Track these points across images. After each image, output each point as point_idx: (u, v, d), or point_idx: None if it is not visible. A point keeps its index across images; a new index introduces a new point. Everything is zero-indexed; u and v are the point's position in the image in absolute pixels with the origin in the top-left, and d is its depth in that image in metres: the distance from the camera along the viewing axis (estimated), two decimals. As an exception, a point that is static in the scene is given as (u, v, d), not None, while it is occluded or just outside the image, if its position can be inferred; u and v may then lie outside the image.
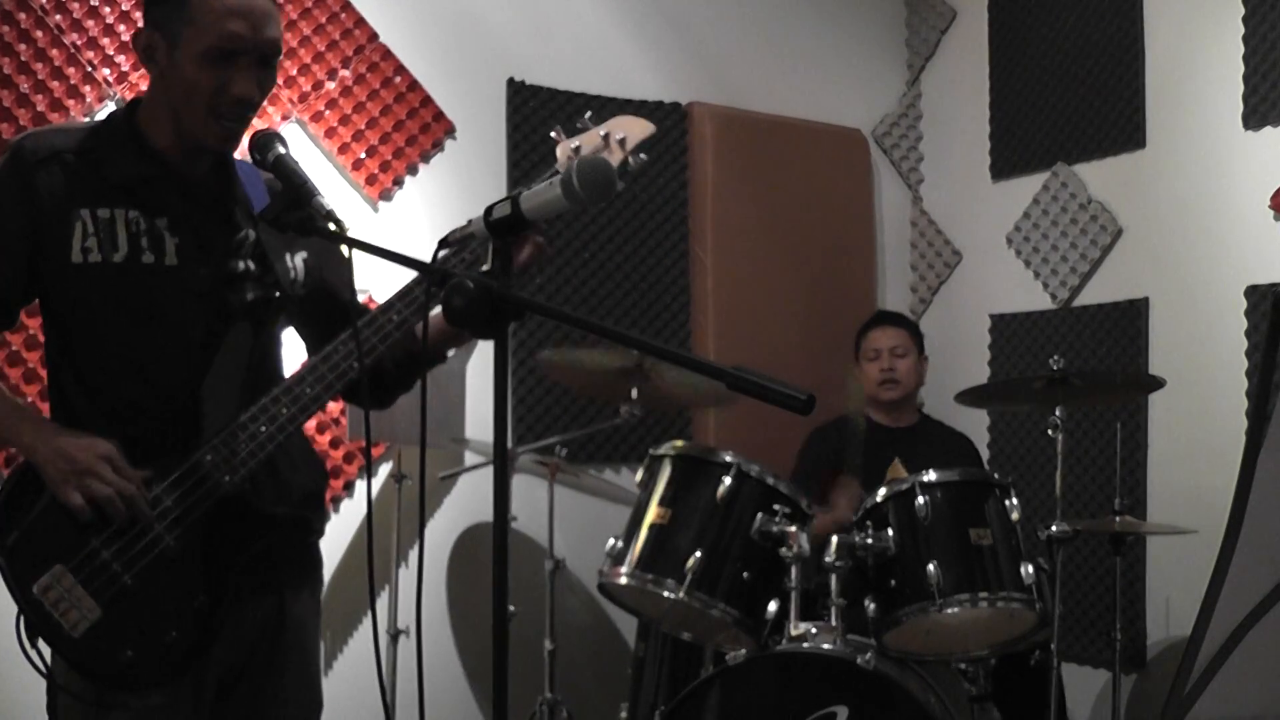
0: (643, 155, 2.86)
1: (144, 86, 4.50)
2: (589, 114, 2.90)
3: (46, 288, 2.60)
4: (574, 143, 2.80)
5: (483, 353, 4.94)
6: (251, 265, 2.67)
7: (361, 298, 3.80)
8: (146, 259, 2.57)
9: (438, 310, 2.70)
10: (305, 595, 2.82)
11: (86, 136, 2.63)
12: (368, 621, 4.79)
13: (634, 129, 2.87)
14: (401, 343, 2.75)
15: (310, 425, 4.21)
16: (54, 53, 4.40)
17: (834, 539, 3.72)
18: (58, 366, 2.65)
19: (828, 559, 3.69)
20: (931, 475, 3.77)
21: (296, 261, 2.74)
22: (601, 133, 2.83)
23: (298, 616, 2.78)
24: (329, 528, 2.94)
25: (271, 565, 2.70)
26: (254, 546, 2.60)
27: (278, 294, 2.68)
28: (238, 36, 2.50)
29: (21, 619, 2.45)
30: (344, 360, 2.59)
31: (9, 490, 2.53)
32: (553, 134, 2.84)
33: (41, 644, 2.46)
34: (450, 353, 2.97)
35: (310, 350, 2.80)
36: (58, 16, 4.41)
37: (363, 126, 5.00)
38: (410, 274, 2.58)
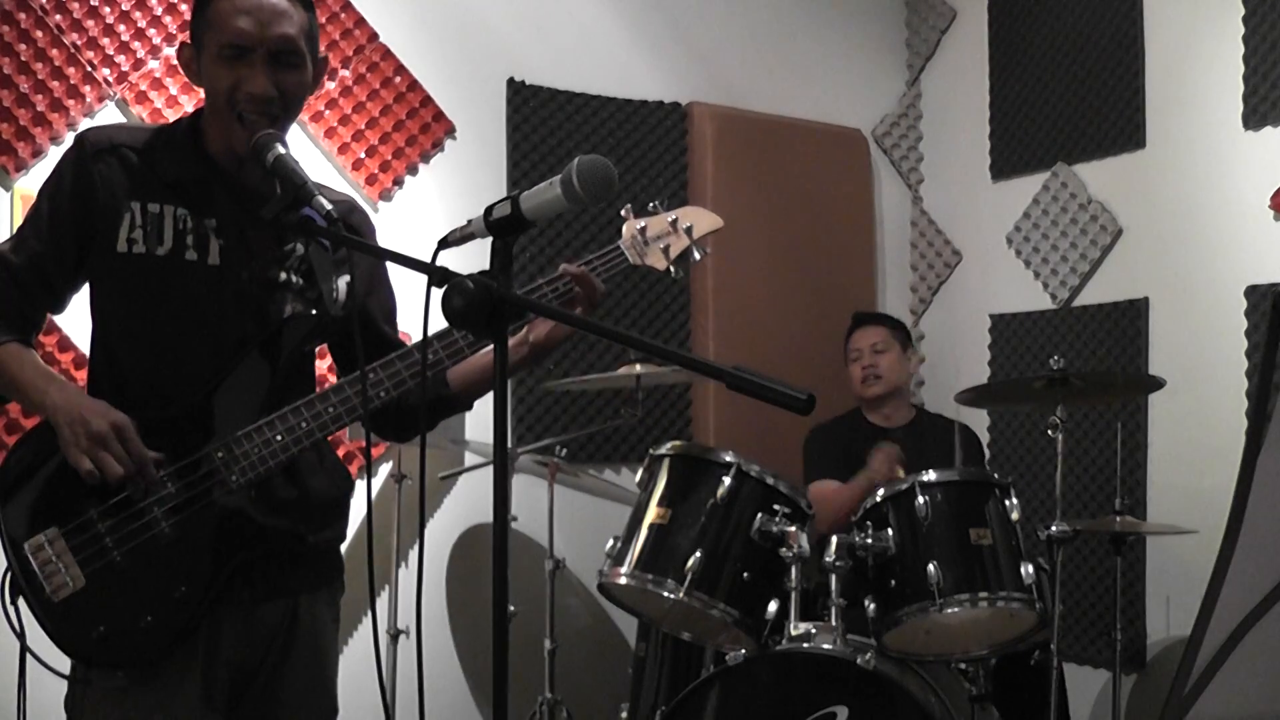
0: (707, 249, 2.92)
1: (144, 87, 4.54)
2: (659, 200, 2.99)
3: (93, 275, 2.68)
4: (640, 223, 2.90)
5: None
6: (296, 279, 2.71)
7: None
8: (190, 256, 2.63)
9: (485, 356, 2.75)
10: (321, 601, 2.84)
11: (149, 135, 2.72)
12: (368, 621, 4.79)
13: (702, 220, 2.96)
14: (432, 385, 2.83)
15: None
16: (54, 53, 4.40)
17: (834, 539, 3.72)
18: (95, 355, 2.73)
19: (828, 559, 3.69)
20: (931, 475, 3.77)
21: (340, 284, 2.77)
22: (669, 218, 2.92)
23: (312, 621, 2.79)
24: (329, 528, 2.94)
25: (284, 570, 2.72)
26: (250, 550, 2.62)
27: (315, 311, 2.71)
28: (245, 33, 2.55)
29: (7, 575, 2.50)
30: (371, 389, 2.63)
31: (20, 447, 2.62)
32: (622, 212, 2.92)
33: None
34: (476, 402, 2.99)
35: (341, 372, 2.86)
36: (58, 16, 4.41)
37: (363, 126, 5.00)
38: (417, 277, 2.59)
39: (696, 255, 2.96)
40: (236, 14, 2.55)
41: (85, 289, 2.73)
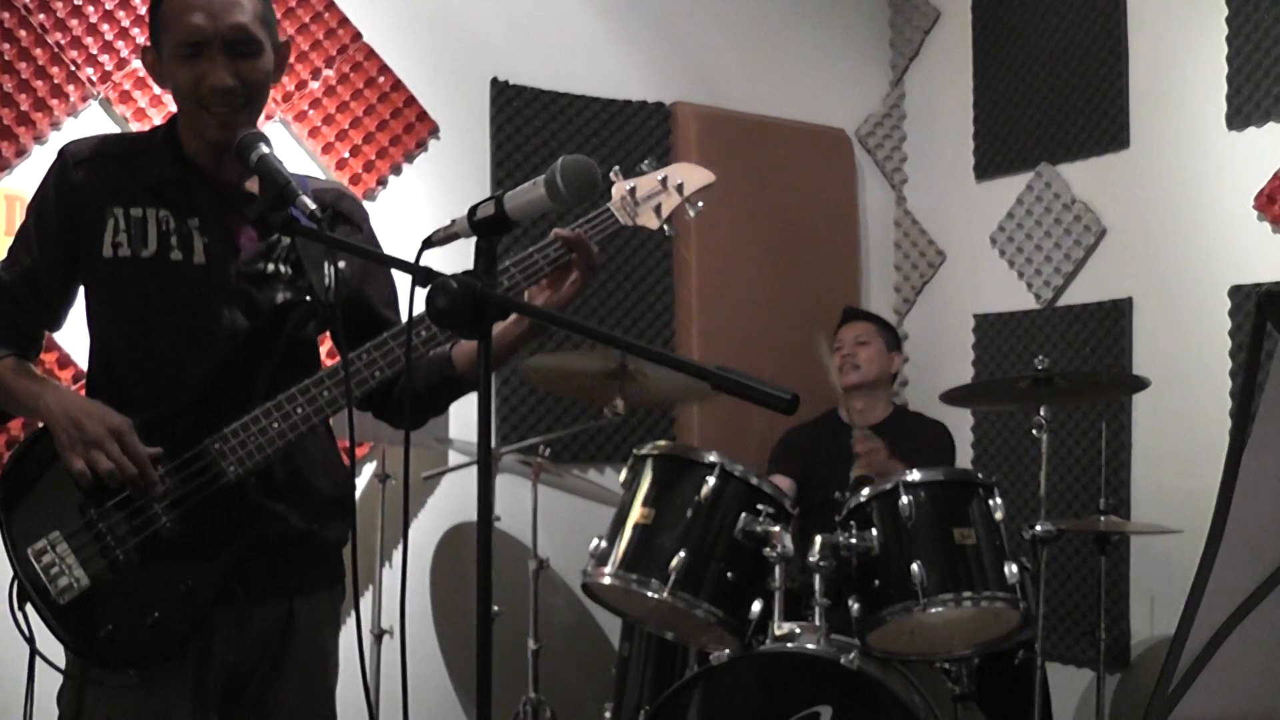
0: (700, 204, 2.88)
1: (128, 86, 4.53)
2: (648, 160, 2.93)
3: (84, 283, 2.70)
4: (629, 184, 2.83)
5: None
6: (284, 269, 2.71)
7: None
8: (175, 256, 2.63)
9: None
10: (320, 603, 2.81)
11: (127, 142, 2.76)
12: (351, 622, 4.78)
13: (693, 176, 2.90)
14: (437, 366, 2.80)
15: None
16: (38, 52, 4.38)
17: (818, 538, 3.72)
18: (93, 361, 2.75)
19: (811, 559, 3.69)
20: (915, 475, 3.77)
21: (330, 271, 2.75)
22: (659, 177, 2.87)
23: (309, 624, 2.77)
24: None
25: (281, 568, 2.70)
26: (251, 543, 2.61)
27: (308, 299, 2.70)
28: (198, 29, 2.55)
29: (14, 582, 2.51)
30: (365, 369, 2.61)
31: (21, 453, 2.61)
32: (611, 174, 2.84)
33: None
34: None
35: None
36: (41, 16, 4.39)
37: (346, 126, 4.99)
38: (403, 276, 2.58)
39: (690, 213, 2.90)
40: (188, 10, 2.55)
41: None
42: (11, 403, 2.64)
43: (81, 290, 2.72)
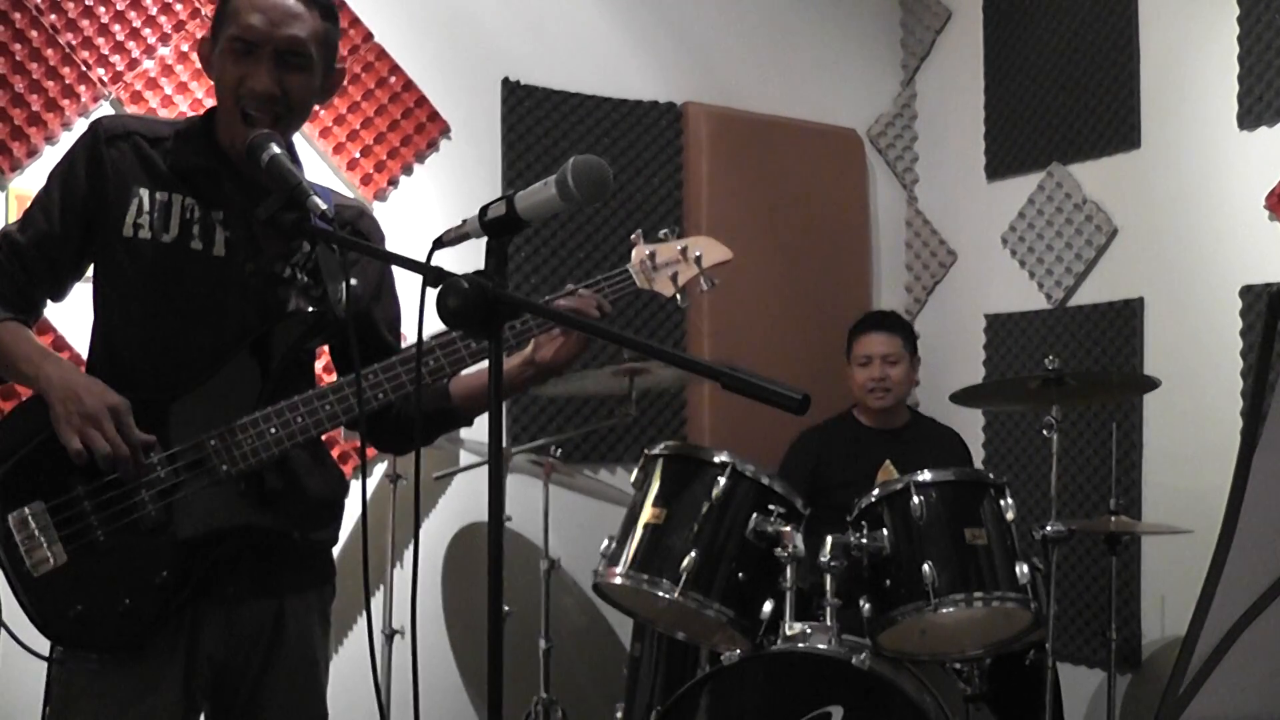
0: (716, 281, 2.94)
1: (139, 86, 4.53)
2: (666, 230, 2.99)
3: (97, 259, 2.69)
4: (649, 249, 2.91)
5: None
6: (302, 276, 2.73)
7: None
8: (195, 245, 2.64)
9: (480, 372, 2.74)
10: (310, 603, 2.81)
11: (164, 126, 2.75)
12: (363, 621, 4.79)
13: (712, 250, 2.99)
14: (434, 397, 2.84)
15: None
16: (49, 52, 4.39)
17: (829, 539, 3.72)
18: (95, 339, 2.74)
19: (823, 559, 3.69)
20: (926, 475, 3.77)
21: (344, 286, 2.76)
22: (679, 246, 2.94)
23: (299, 624, 2.77)
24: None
25: (271, 568, 2.70)
26: (237, 542, 2.61)
27: (314, 309, 2.71)
28: (253, 29, 2.57)
29: None
30: (369, 390, 2.63)
31: (11, 419, 2.62)
32: (632, 237, 2.95)
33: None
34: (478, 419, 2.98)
35: (340, 374, 2.85)
36: (53, 16, 4.40)
37: (358, 126, 5.00)
38: (414, 277, 2.58)
39: (704, 285, 2.96)
40: (250, 10, 2.58)
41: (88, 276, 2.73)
42: (9, 368, 2.61)
43: (90, 268, 2.72)
